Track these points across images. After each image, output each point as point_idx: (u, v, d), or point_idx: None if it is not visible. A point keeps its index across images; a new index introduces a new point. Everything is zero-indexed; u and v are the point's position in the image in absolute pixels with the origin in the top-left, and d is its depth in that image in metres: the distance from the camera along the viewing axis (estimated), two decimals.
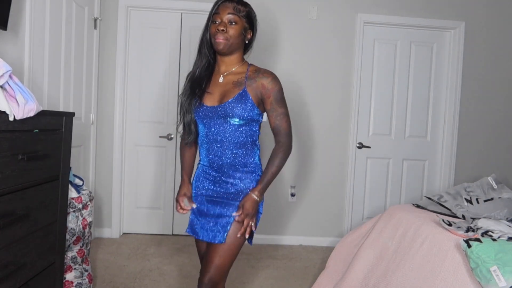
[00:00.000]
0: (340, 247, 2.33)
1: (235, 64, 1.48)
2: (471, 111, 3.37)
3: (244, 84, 1.42)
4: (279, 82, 1.44)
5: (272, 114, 1.43)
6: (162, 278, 2.46)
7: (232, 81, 1.45)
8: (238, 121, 1.40)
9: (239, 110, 1.38)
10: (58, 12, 2.46)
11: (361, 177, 3.38)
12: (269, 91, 1.41)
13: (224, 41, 1.40)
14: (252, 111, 1.40)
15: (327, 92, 3.28)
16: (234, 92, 1.41)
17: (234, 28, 1.42)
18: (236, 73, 1.47)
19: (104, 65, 3.17)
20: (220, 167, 1.44)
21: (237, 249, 1.42)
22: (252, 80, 1.43)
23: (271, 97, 1.42)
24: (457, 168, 3.37)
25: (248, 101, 1.39)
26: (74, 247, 1.97)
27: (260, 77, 1.42)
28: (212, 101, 1.44)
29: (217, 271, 1.39)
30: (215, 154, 1.44)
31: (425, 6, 3.28)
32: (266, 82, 1.41)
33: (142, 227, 3.35)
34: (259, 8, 3.31)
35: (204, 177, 1.50)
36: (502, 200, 1.98)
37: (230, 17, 1.42)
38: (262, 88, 1.41)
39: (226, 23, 1.42)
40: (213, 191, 1.47)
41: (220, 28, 1.41)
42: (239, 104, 1.38)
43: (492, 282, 1.29)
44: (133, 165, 3.31)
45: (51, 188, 1.57)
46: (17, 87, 1.31)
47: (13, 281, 1.35)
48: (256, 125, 1.46)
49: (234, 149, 1.42)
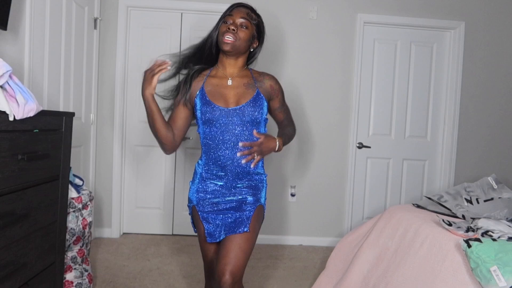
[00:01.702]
0: (340, 247, 2.33)
1: (240, 68, 1.53)
2: (471, 111, 3.37)
3: (256, 86, 1.50)
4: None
5: (281, 110, 1.61)
6: (162, 278, 2.46)
7: (242, 83, 1.49)
8: (252, 122, 1.45)
9: (255, 111, 1.45)
10: (58, 12, 2.46)
11: (361, 177, 3.38)
12: (277, 91, 1.57)
13: (232, 41, 1.43)
14: (264, 112, 1.50)
15: (327, 92, 3.28)
16: (249, 94, 1.48)
17: (244, 32, 1.46)
18: (243, 76, 1.52)
19: (104, 65, 3.17)
20: (233, 168, 1.45)
21: (251, 249, 1.39)
22: (261, 83, 1.53)
23: (279, 96, 1.58)
24: (457, 168, 3.37)
25: (264, 102, 1.49)
26: (74, 247, 1.97)
27: (267, 79, 1.55)
28: (226, 103, 1.45)
29: (238, 263, 1.32)
30: (227, 156, 1.44)
31: (425, 6, 3.28)
32: (273, 83, 1.56)
33: (142, 227, 3.35)
34: (259, 8, 3.30)
35: (212, 180, 1.48)
36: (502, 200, 1.98)
37: (243, 21, 1.46)
38: (271, 89, 1.55)
39: (238, 25, 1.45)
40: (223, 193, 1.47)
41: (231, 27, 1.43)
42: (256, 105, 1.46)
43: (492, 282, 1.29)
44: (133, 165, 3.31)
45: (51, 188, 1.57)
46: (17, 87, 1.31)
47: (13, 281, 1.35)
48: (264, 124, 1.53)
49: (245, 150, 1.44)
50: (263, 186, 1.53)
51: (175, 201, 3.35)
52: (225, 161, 1.44)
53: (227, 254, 1.33)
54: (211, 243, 1.48)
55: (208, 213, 1.46)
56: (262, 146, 1.41)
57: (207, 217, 1.46)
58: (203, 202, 1.48)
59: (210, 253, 1.50)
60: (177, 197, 3.34)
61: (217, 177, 1.47)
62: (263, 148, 1.42)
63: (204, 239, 1.47)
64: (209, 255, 1.51)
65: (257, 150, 1.40)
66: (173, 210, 3.35)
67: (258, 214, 1.47)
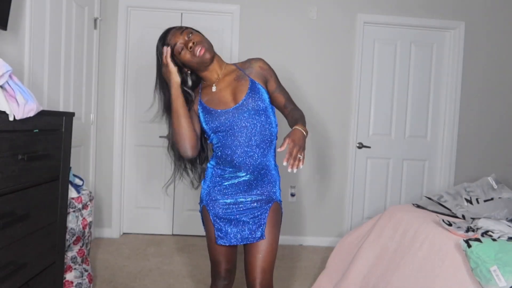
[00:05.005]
0: (340, 247, 2.33)
1: (221, 66, 1.47)
2: (471, 111, 3.37)
3: (246, 75, 1.43)
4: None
5: (280, 91, 1.48)
6: (162, 278, 2.46)
7: (233, 79, 1.43)
8: (259, 113, 1.39)
9: (258, 101, 1.39)
10: (58, 12, 2.46)
11: (361, 177, 3.38)
12: (269, 70, 1.48)
13: (204, 48, 1.36)
14: (266, 98, 1.42)
15: (327, 92, 3.28)
16: (244, 86, 1.41)
17: (197, 35, 1.40)
18: (229, 72, 1.46)
19: (104, 65, 3.17)
20: (244, 167, 1.40)
21: (277, 247, 1.38)
22: (249, 69, 1.45)
23: (273, 76, 1.48)
24: (457, 168, 3.37)
25: (261, 88, 1.42)
26: (74, 247, 1.97)
27: (253, 63, 1.47)
28: (226, 104, 1.40)
29: (266, 276, 1.34)
30: (242, 156, 1.38)
31: (425, 6, 3.28)
32: (261, 64, 1.47)
33: (142, 227, 3.35)
34: (259, 8, 3.32)
35: (224, 180, 1.43)
36: (502, 200, 1.98)
37: (185, 33, 1.38)
38: (262, 70, 1.46)
39: (188, 39, 1.37)
40: (235, 198, 1.42)
41: (188, 44, 1.36)
42: (255, 94, 1.39)
43: (492, 282, 1.29)
44: (133, 165, 3.31)
45: (51, 188, 1.57)
46: (17, 87, 1.31)
47: (13, 281, 1.35)
48: (272, 114, 1.46)
49: (258, 146, 1.40)
50: (276, 180, 1.48)
51: (175, 201, 3.34)
52: (240, 161, 1.39)
53: (252, 270, 1.35)
54: (221, 245, 1.43)
55: (221, 214, 1.42)
56: (296, 142, 1.25)
57: (219, 218, 1.42)
58: (213, 203, 1.44)
59: (218, 254, 1.46)
60: (177, 197, 3.34)
61: (230, 177, 1.43)
62: (298, 142, 1.25)
63: (213, 240, 1.43)
64: (217, 256, 1.46)
65: (296, 149, 1.23)
66: (173, 210, 3.35)
67: (274, 214, 1.43)
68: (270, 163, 1.46)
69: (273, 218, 1.42)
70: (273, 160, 1.48)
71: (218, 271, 1.49)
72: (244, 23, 3.17)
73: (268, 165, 1.45)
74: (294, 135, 1.27)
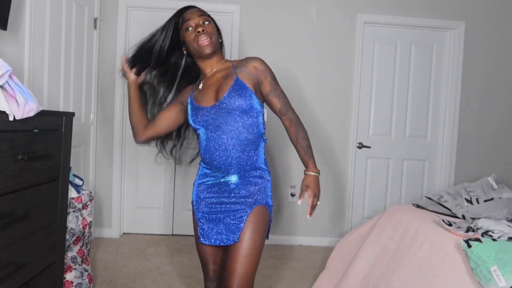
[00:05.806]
0: (340, 247, 2.33)
1: (218, 63, 1.46)
2: (471, 111, 3.37)
3: (235, 73, 1.38)
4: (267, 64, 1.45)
5: (275, 95, 1.41)
6: (162, 278, 2.46)
7: (222, 76, 1.41)
8: (240, 114, 1.34)
9: (239, 100, 1.33)
10: (58, 12, 2.45)
11: (361, 177, 3.38)
12: (264, 71, 1.40)
13: (209, 41, 1.37)
14: (251, 99, 1.35)
15: (327, 92, 3.28)
16: (227, 84, 1.36)
17: (211, 26, 1.42)
18: (221, 69, 1.44)
19: (104, 65, 3.17)
20: (227, 168, 1.37)
21: (258, 253, 1.32)
22: (241, 68, 1.40)
23: (268, 77, 1.40)
24: (457, 168, 3.37)
25: (245, 89, 1.35)
26: (74, 247, 1.97)
27: (249, 61, 1.41)
28: (207, 102, 1.39)
29: (243, 282, 1.27)
30: (222, 156, 1.36)
31: (425, 6, 3.28)
32: (256, 64, 1.40)
33: (142, 227, 3.35)
34: (259, 8, 3.32)
35: (209, 180, 1.43)
36: (502, 200, 1.98)
37: (202, 18, 1.41)
38: (255, 70, 1.39)
39: (201, 24, 1.40)
40: (218, 197, 1.40)
41: (199, 29, 1.38)
42: (237, 94, 1.33)
43: (492, 282, 1.29)
44: (133, 165, 3.31)
45: (51, 188, 1.57)
46: (17, 87, 1.31)
47: (13, 281, 1.35)
48: (259, 115, 1.40)
49: (241, 147, 1.35)
50: (264, 183, 1.41)
51: (175, 201, 3.34)
52: (220, 161, 1.36)
53: (230, 274, 1.28)
54: (205, 245, 1.43)
55: (204, 213, 1.41)
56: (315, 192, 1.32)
57: (202, 217, 1.42)
58: (200, 201, 1.43)
59: (205, 254, 1.46)
60: (177, 197, 3.34)
61: (214, 177, 1.41)
62: (317, 192, 1.33)
63: (197, 238, 1.44)
64: (203, 256, 1.47)
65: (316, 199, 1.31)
66: (173, 210, 3.35)
67: (257, 218, 1.35)
68: (258, 165, 1.40)
69: (253, 221, 1.33)
70: (261, 162, 1.42)
71: (207, 272, 1.49)
72: (244, 23, 3.17)
73: (256, 167, 1.40)
74: (312, 183, 1.33)
